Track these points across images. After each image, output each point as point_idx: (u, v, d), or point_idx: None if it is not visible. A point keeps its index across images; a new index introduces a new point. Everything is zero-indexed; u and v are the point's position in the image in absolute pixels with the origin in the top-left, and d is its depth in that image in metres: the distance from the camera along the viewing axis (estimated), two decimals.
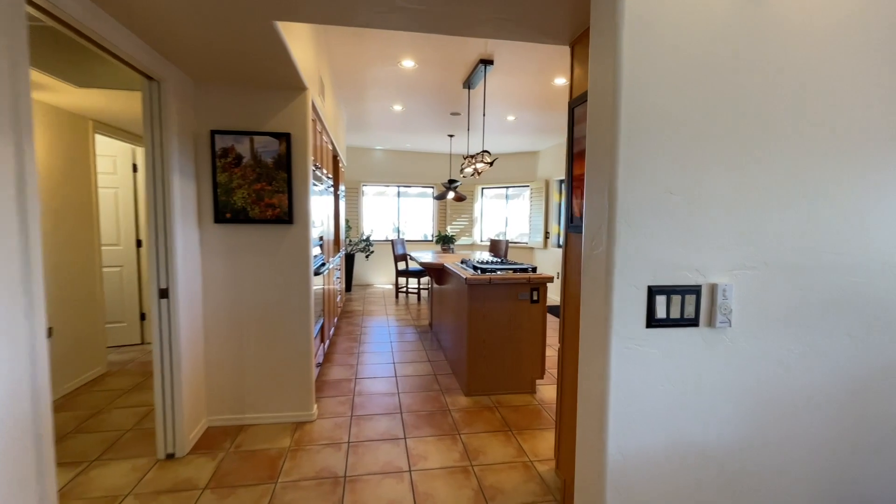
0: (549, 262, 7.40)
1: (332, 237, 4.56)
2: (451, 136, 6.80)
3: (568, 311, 1.97)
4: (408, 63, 3.74)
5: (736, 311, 1.23)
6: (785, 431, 1.30)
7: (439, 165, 8.55)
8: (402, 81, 4.22)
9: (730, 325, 1.22)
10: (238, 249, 2.61)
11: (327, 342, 3.98)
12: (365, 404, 3.00)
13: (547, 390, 3.28)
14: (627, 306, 1.17)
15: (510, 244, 8.13)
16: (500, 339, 3.15)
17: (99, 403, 2.96)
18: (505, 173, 8.38)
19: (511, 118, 5.64)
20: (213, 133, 2.50)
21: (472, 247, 8.84)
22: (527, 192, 8.37)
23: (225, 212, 2.55)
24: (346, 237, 7.76)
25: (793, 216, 1.23)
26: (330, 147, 4.35)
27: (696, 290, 1.20)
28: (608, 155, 1.17)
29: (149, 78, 2.10)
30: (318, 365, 3.40)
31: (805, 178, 1.23)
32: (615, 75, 1.13)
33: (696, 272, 1.20)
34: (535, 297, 3.16)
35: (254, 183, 2.56)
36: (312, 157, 2.88)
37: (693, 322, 1.21)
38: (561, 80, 4.13)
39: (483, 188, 8.74)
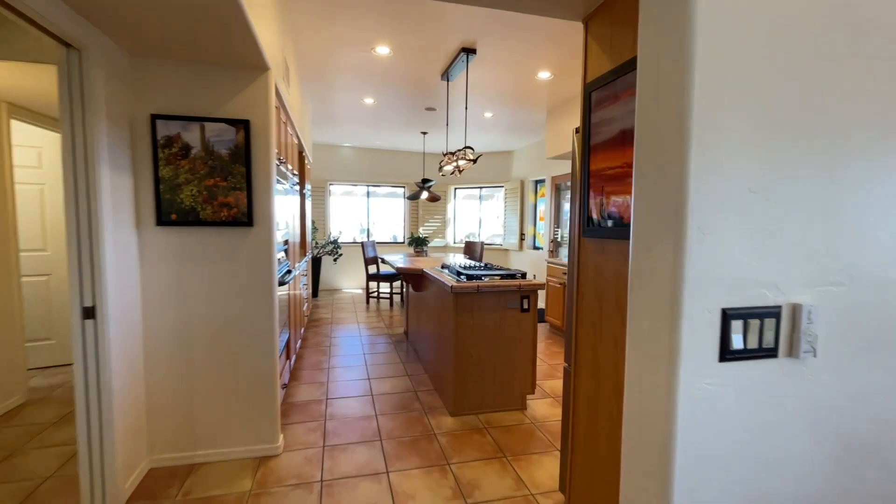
0: (525, 265, 7.22)
1: (297, 240, 4.16)
2: (424, 133, 6.49)
3: (582, 330, 1.72)
4: (382, 49, 3.40)
5: (821, 338, 0.99)
6: (875, 482, 1.08)
7: (412, 164, 8.23)
8: (375, 70, 3.88)
9: (814, 355, 0.99)
10: (187, 257, 2.20)
11: (293, 357, 3.58)
12: (339, 431, 2.65)
13: (538, 406, 3.04)
14: (698, 335, 0.91)
15: (484, 246, 7.90)
16: (488, 352, 2.87)
17: (13, 443, 2.46)
18: (478, 173, 8.15)
19: (488, 115, 5.40)
20: (155, 118, 2.09)
21: (446, 249, 8.56)
22: (501, 192, 8.17)
23: (170, 212, 2.14)
24: (313, 239, 7.30)
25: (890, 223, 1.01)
26: (295, 141, 3.95)
27: (775, 313, 0.96)
28: (673, 141, 0.90)
29: (66, 45, 1.68)
30: (284, 386, 3.01)
31: None
32: (686, 34, 0.87)
33: (776, 290, 0.96)
34: (525, 306, 2.91)
35: (205, 178, 2.16)
36: (276, 150, 2.50)
37: (771, 352, 0.96)
38: (545, 74, 3.91)
39: (456, 188, 8.48)
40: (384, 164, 8.11)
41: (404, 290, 6.28)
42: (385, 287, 8.11)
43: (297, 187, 4.16)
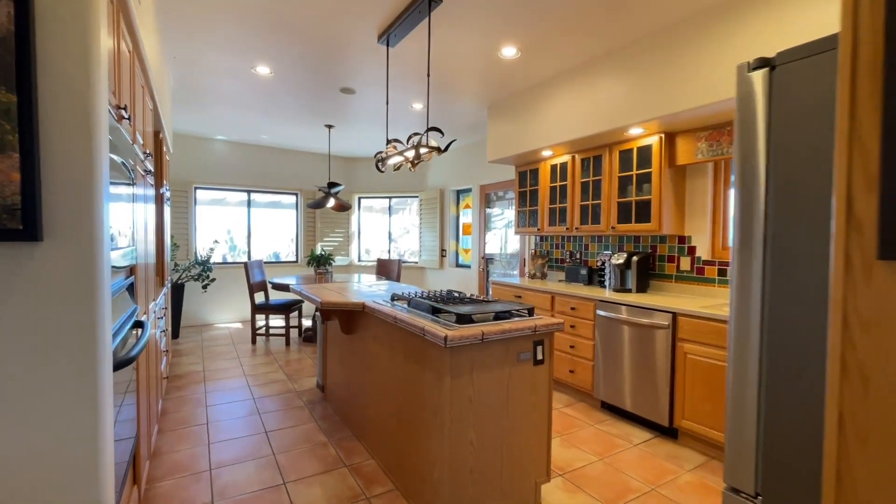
0: (446, 285, 6.35)
1: (152, 263, 2.64)
2: (329, 126, 5.26)
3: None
4: None
5: None
6: None
7: (309, 166, 6.82)
8: (282, 18, 2.67)
9: None
10: None
11: (146, 467, 2.10)
12: None
13: (556, 498, 2.13)
14: None
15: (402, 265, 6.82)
16: (492, 430, 1.88)
17: None
18: (386, 181, 7.11)
19: (418, 106, 4.45)
20: None
21: (349, 268, 7.27)
22: (415, 203, 7.24)
23: None
24: (171, 259, 5.43)
25: None
26: (151, 107, 2.50)
27: None
28: None
29: None
30: None
31: None
32: None
33: None
34: (539, 356, 2.00)
35: None
36: (112, 92, 1.22)
37: None
38: (510, 51, 3.13)
39: (360, 197, 7.30)
40: (272, 165, 6.57)
41: (317, 325, 4.88)
42: (277, 320, 6.49)
43: (152, 185, 2.68)
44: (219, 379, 3.83)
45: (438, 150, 2.43)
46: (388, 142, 2.83)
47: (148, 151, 2.23)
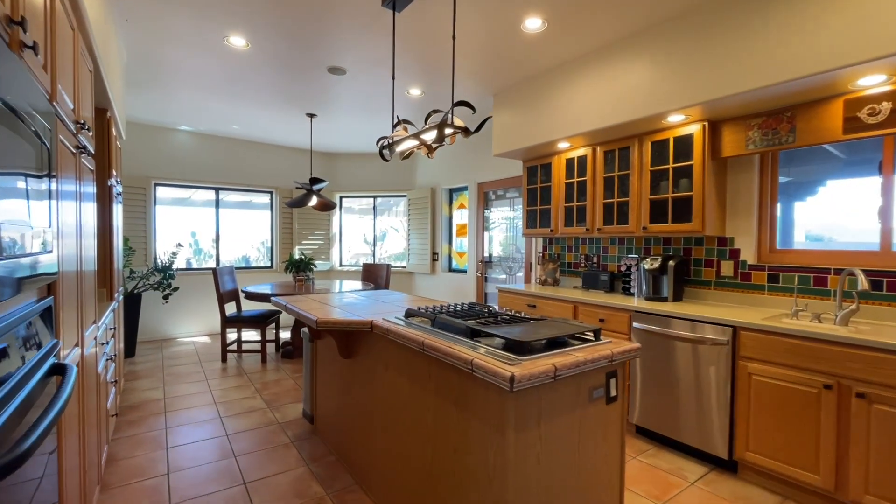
0: (440, 292, 5.86)
1: (91, 271, 2.04)
2: (311, 115, 4.69)
3: None
4: None
5: None
6: None
7: (287, 161, 6.19)
8: None
9: None
10: None
11: None
12: None
13: None
14: None
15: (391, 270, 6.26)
16: (558, 492, 1.42)
17: None
18: (371, 179, 6.57)
19: (416, 92, 3.96)
20: None
21: (330, 273, 6.67)
22: (402, 203, 6.72)
23: None
24: (126, 265, 4.72)
25: None
26: (90, 68, 1.92)
27: None
28: None
29: None
30: None
31: None
32: None
33: None
34: (613, 392, 1.56)
35: None
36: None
37: None
38: (534, 23, 2.70)
39: (342, 196, 6.73)
40: (244, 160, 5.92)
41: (303, 342, 4.35)
42: (251, 333, 5.82)
43: (92, 171, 2.09)
44: (183, 408, 3.21)
45: (466, 130, 1.96)
46: (398, 123, 2.33)
47: (84, 123, 1.65)
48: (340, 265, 6.77)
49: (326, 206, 4.71)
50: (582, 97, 3.18)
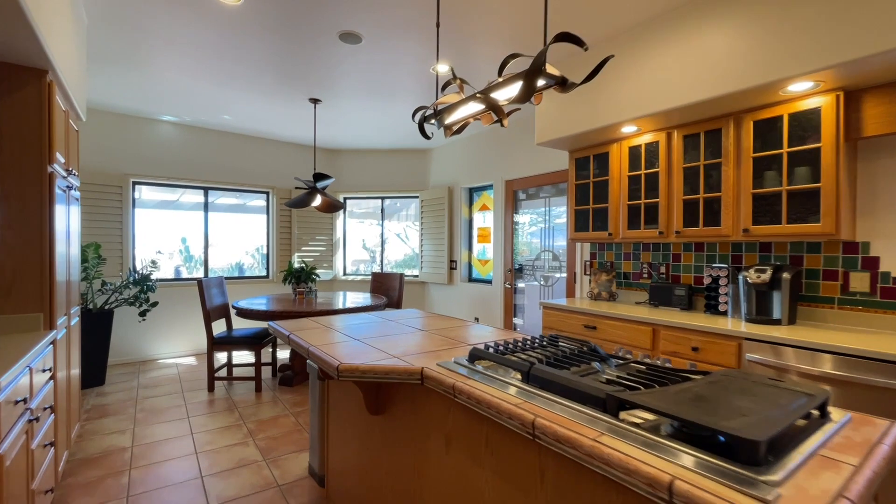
0: (459, 306, 5.19)
1: None
2: (315, 101, 4.02)
3: None
4: None
5: None
6: None
7: (285, 157, 5.52)
8: None
9: None
10: None
11: None
12: None
13: None
14: None
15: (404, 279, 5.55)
16: None
17: None
18: (379, 178, 5.91)
19: (442, 68, 3.31)
20: None
21: (333, 284, 5.98)
22: (413, 205, 6.06)
23: None
24: (95, 276, 4.01)
25: None
26: None
27: None
28: None
29: None
30: None
31: None
32: None
33: None
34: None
35: None
36: None
37: None
38: None
39: (346, 197, 6.06)
40: (237, 156, 5.23)
41: (311, 379, 3.65)
42: (243, 355, 5.10)
43: None
44: (155, 462, 2.51)
45: (563, 82, 1.30)
46: (449, 83, 1.66)
47: None
48: (344, 274, 6.08)
49: (332, 207, 4.04)
50: (657, 69, 2.55)
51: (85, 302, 3.90)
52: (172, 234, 5.11)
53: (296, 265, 4.83)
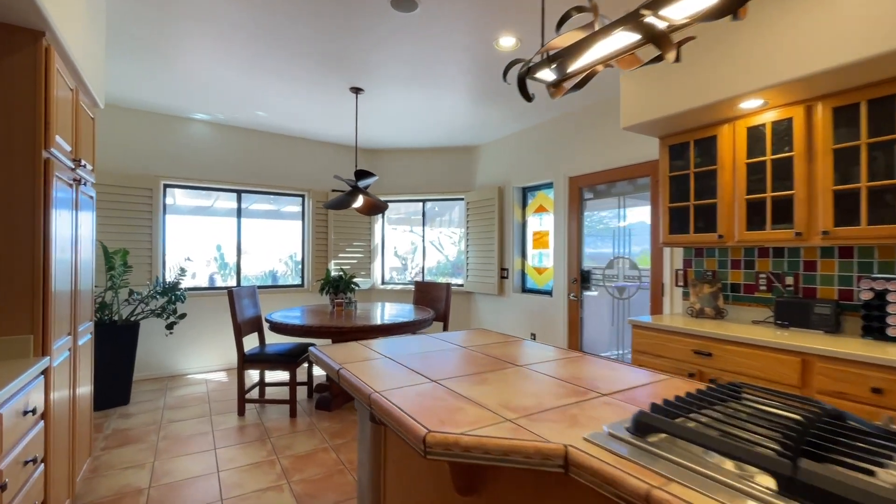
0: (512, 319, 4.64)
1: None
2: (357, 90, 3.61)
3: None
4: None
5: None
6: None
7: (322, 158, 5.16)
8: None
9: None
10: None
11: None
12: None
13: None
14: None
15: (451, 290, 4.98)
16: None
17: None
18: (420, 180, 5.46)
19: (507, 42, 2.81)
20: None
21: (371, 293, 5.55)
22: (457, 208, 5.58)
23: None
24: (120, 285, 3.69)
25: None
26: None
27: None
28: None
29: None
30: None
31: None
32: None
33: None
34: None
35: None
36: None
37: None
38: None
39: (386, 201, 5.62)
40: (272, 157, 4.90)
41: (361, 419, 3.15)
42: (277, 373, 4.71)
43: None
44: (175, 499, 2.08)
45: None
46: (569, 15, 1.16)
47: None
48: (382, 283, 5.64)
49: (375, 208, 3.60)
50: (797, 21, 1.96)
51: (110, 313, 3.59)
52: (206, 241, 4.82)
53: (334, 273, 4.43)
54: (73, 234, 1.91)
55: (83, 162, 2.04)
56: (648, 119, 2.60)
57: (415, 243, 6.16)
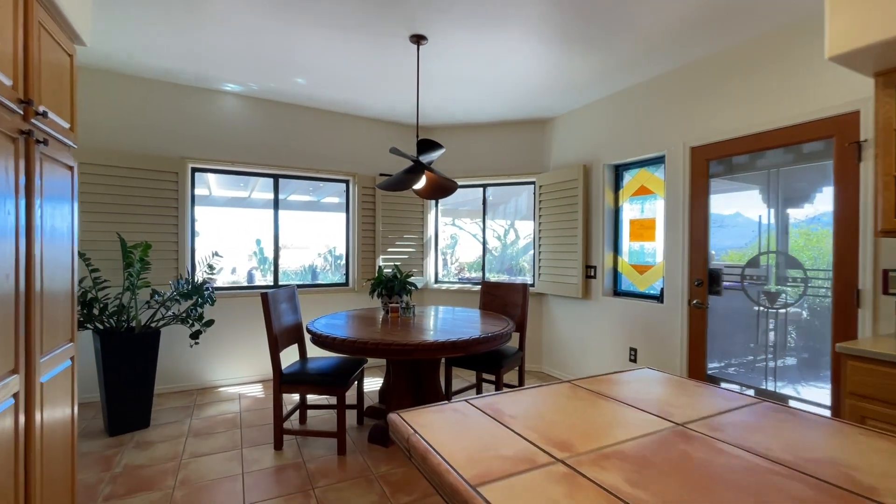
0: (602, 331, 3.76)
1: None
2: (420, 40, 2.83)
3: None
4: None
5: None
6: None
7: (369, 137, 4.45)
8: None
9: None
10: None
11: None
12: None
13: None
14: None
15: (528, 290, 4.07)
16: None
17: None
18: (482, 161, 4.65)
19: None
20: None
21: (424, 294, 4.81)
22: (526, 193, 4.75)
23: None
24: (141, 285, 3.09)
25: None
26: None
27: None
28: None
29: None
30: None
31: None
32: None
33: None
34: None
35: None
36: None
37: None
38: None
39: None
40: (312, 135, 4.23)
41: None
42: (317, 397, 4.05)
43: None
44: None
45: None
46: None
47: None
48: (436, 281, 4.89)
49: (442, 189, 2.83)
50: None
51: (127, 318, 3.01)
52: (245, 235, 4.26)
53: (386, 272, 3.71)
54: (18, 217, 1.24)
55: (45, 111, 1.36)
56: (880, 39, 1.68)
57: (454, 236, 5.43)
